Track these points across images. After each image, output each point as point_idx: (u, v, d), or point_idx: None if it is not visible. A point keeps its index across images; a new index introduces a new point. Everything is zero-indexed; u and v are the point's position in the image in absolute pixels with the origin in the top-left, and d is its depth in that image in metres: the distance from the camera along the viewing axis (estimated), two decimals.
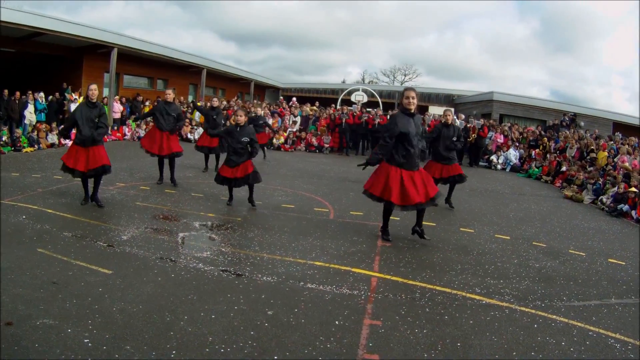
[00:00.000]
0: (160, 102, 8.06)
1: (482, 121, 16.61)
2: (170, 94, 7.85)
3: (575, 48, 70.71)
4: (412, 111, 4.97)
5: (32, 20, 13.48)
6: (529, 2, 72.12)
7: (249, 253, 4.51)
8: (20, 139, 11.51)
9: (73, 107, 14.58)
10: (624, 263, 5.27)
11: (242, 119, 6.38)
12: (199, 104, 18.09)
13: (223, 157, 7.44)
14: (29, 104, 13.17)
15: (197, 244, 4.79)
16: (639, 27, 63.40)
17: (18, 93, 13.10)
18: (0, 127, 11.82)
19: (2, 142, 10.96)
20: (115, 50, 16.59)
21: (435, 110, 22.67)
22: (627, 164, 10.71)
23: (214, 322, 3.04)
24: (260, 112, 12.82)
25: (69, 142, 13.14)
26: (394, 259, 4.62)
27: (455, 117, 17.49)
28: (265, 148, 12.39)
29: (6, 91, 13.29)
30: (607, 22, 67.81)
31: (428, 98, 28.21)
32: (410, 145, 4.89)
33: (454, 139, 7.19)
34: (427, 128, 12.47)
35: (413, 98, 4.90)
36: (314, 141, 16.01)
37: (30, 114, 13.11)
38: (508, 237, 5.90)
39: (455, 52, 69.47)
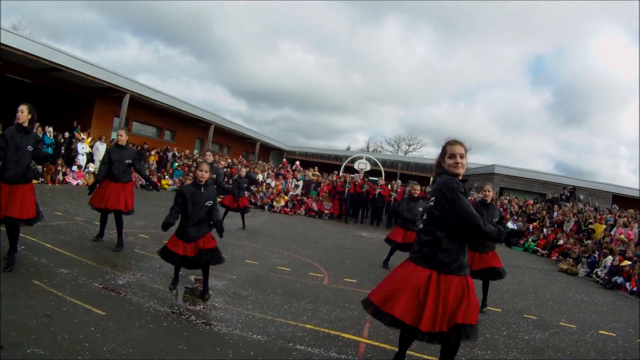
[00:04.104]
0: (112, 146, 6.60)
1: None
2: (122, 136, 6.45)
3: (586, 120, 72.35)
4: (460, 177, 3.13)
5: (49, 55, 14.05)
6: (543, 72, 75.51)
7: (241, 310, 4.52)
8: None
9: (80, 146, 15.00)
10: (614, 334, 5.35)
11: (206, 175, 4.70)
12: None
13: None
14: None
15: (191, 296, 4.79)
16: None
17: None
18: None
19: None
20: (127, 96, 17.21)
21: None
22: (622, 236, 10.89)
23: None
24: (243, 172, 10.73)
25: (73, 182, 13.34)
26: (384, 326, 4.58)
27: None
28: (245, 214, 10.49)
29: None
30: (619, 93, 69.85)
31: (431, 169, 28.95)
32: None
33: (495, 220, 5.39)
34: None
35: (462, 157, 3.15)
36: (315, 206, 16.25)
37: None
38: (499, 310, 5.91)
39: (465, 122, 70.65)
